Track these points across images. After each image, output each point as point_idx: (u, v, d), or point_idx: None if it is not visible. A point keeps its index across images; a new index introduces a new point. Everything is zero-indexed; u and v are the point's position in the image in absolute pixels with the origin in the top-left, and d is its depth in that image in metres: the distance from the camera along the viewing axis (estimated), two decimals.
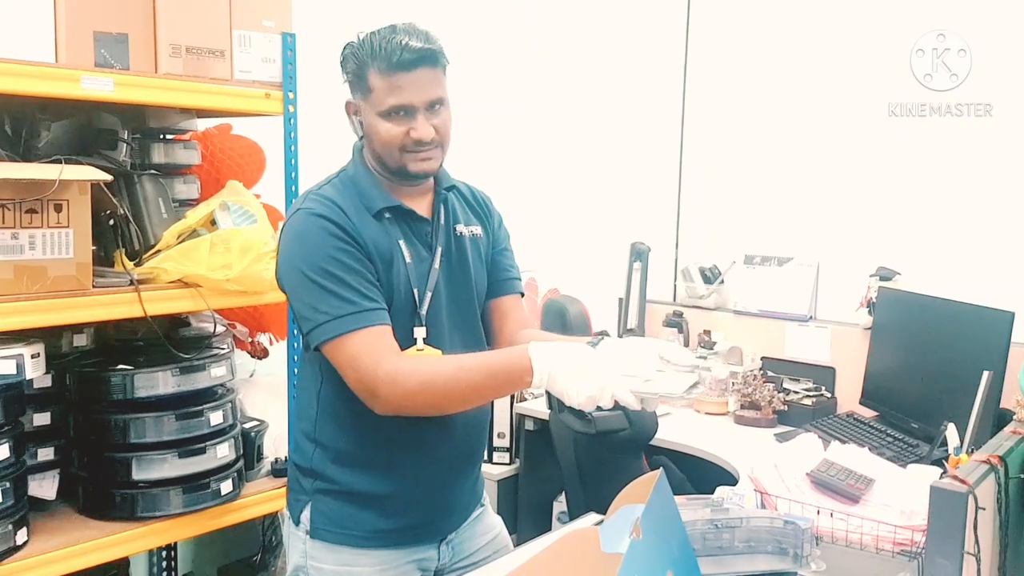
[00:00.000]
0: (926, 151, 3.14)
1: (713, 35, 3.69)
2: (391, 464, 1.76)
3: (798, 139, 3.47)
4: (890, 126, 3.20)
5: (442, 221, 1.82)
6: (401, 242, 1.74)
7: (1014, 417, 1.72)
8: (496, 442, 3.49)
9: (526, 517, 3.51)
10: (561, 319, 3.14)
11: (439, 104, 1.71)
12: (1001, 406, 2.42)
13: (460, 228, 1.85)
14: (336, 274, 1.63)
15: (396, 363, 1.60)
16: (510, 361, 1.59)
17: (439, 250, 1.79)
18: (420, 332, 1.73)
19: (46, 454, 2.17)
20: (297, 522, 1.81)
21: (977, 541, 1.32)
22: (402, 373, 1.60)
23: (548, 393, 2.51)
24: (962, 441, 1.94)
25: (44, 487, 2.17)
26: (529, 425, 3.47)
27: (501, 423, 3.49)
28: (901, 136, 3.18)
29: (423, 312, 1.74)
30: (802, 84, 3.41)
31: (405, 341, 1.72)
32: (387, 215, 1.74)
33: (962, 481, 1.34)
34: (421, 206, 1.80)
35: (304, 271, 1.65)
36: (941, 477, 1.41)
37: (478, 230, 1.89)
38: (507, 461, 3.51)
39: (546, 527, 3.49)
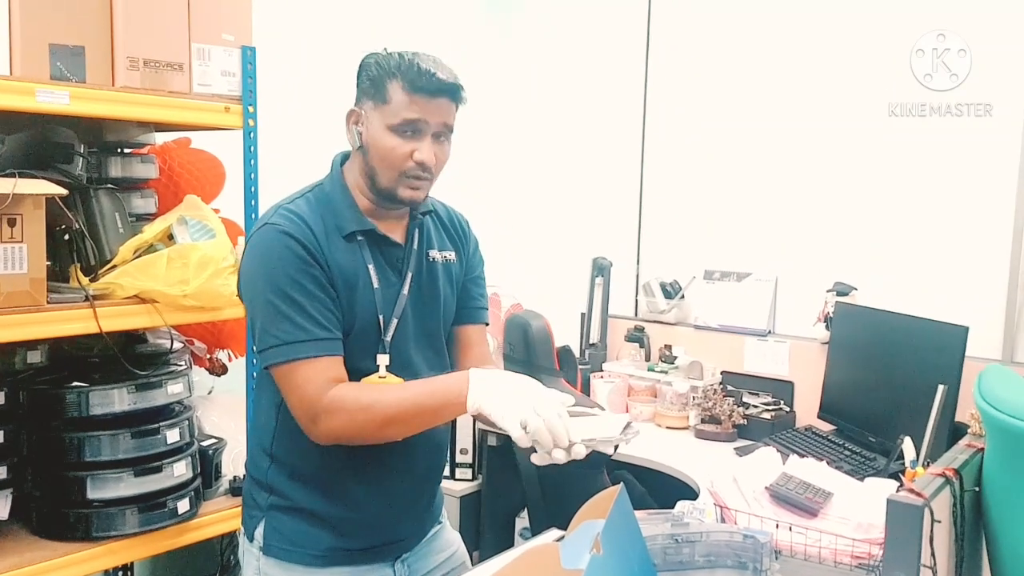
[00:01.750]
0: (926, 151, 3.14)
1: (673, 52, 3.73)
2: (347, 485, 1.75)
3: (760, 154, 3.51)
4: (890, 126, 3.20)
5: (415, 246, 1.80)
6: (370, 266, 1.71)
7: (969, 430, 1.74)
8: (459, 458, 3.47)
9: (489, 533, 3.50)
10: (524, 334, 3.15)
11: (446, 135, 1.72)
12: (956, 419, 2.46)
13: (433, 253, 1.83)
14: (294, 297, 1.62)
15: (339, 391, 1.60)
16: (453, 378, 1.59)
17: (409, 276, 1.77)
18: (383, 359, 1.71)
19: None
20: (251, 538, 1.79)
21: (933, 554, 1.34)
22: (346, 401, 1.59)
23: None
24: (918, 454, 1.97)
25: None
26: (492, 440, 3.46)
27: (464, 439, 3.47)
28: (900, 136, 3.18)
29: (387, 339, 1.72)
30: (795, 87, 3.41)
31: (368, 368, 1.70)
32: (359, 237, 1.72)
33: (918, 494, 1.35)
34: (395, 231, 1.79)
35: (263, 290, 1.64)
36: (898, 490, 1.42)
37: (452, 255, 1.87)
38: (470, 477, 3.49)
39: (509, 543, 3.48)
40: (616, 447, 1.53)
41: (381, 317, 1.71)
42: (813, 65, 3.34)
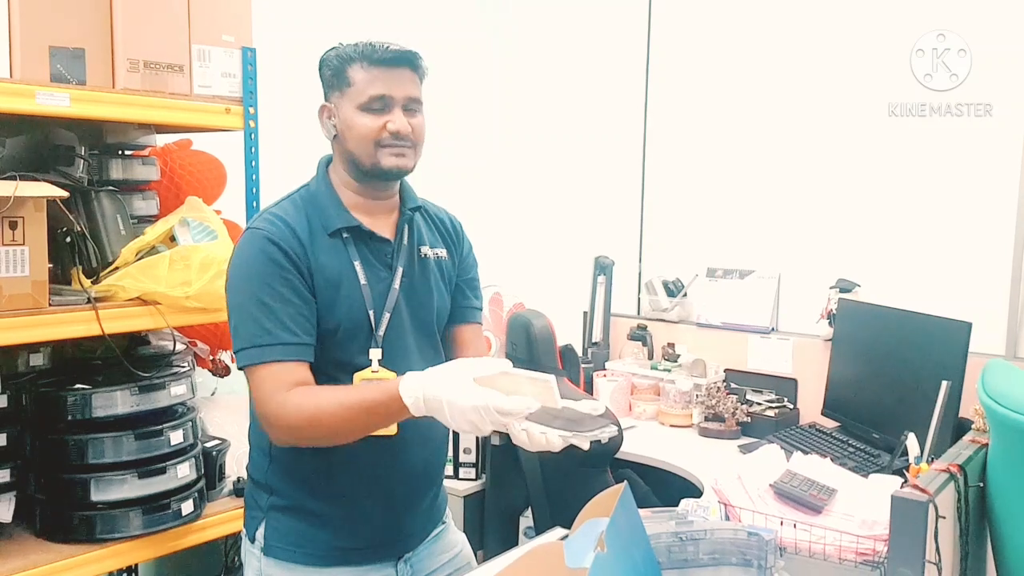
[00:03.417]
0: (926, 151, 3.13)
1: (674, 51, 3.72)
2: (346, 484, 1.75)
3: (762, 152, 3.50)
4: (890, 126, 3.19)
5: (405, 242, 1.81)
6: (357, 263, 1.72)
7: (972, 426, 1.74)
8: (462, 457, 3.47)
9: (493, 532, 3.50)
10: (526, 333, 3.14)
11: (416, 106, 1.74)
12: (960, 415, 2.45)
13: (425, 250, 1.84)
14: (265, 302, 1.64)
15: (286, 399, 1.60)
16: (385, 396, 1.56)
17: (400, 271, 1.78)
18: (375, 354, 1.72)
19: (2, 476, 2.11)
20: (252, 539, 1.79)
21: (938, 549, 1.33)
22: (288, 408, 1.60)
23: None
24: (922, 450, 1.96)
25: None
26: (495, 440, 3.44)
27: (467, 438, 3.47)
28: (900, 136, 3.17)
29: (380, 334, 1.73)
30: (796, 86, 3.41)
31: (362, 363, 1.71)
32: (344, 235, 1.73)
33: (922, 490, 1.35)
34: (384, 226, 1.79)
35: (237, 293, 1.67)
36: (902, 486, 1.42)
37: (443, 253, 1.89)
38: (473, 477, 3.49)
39: (513, 542, 3.48)
40: (591, 443, 1.53)
41: (372, 312, 1.72)
42: (813, 65, 3.34)
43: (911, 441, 2.05)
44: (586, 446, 1.51)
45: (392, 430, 1.70)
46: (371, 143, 1.70)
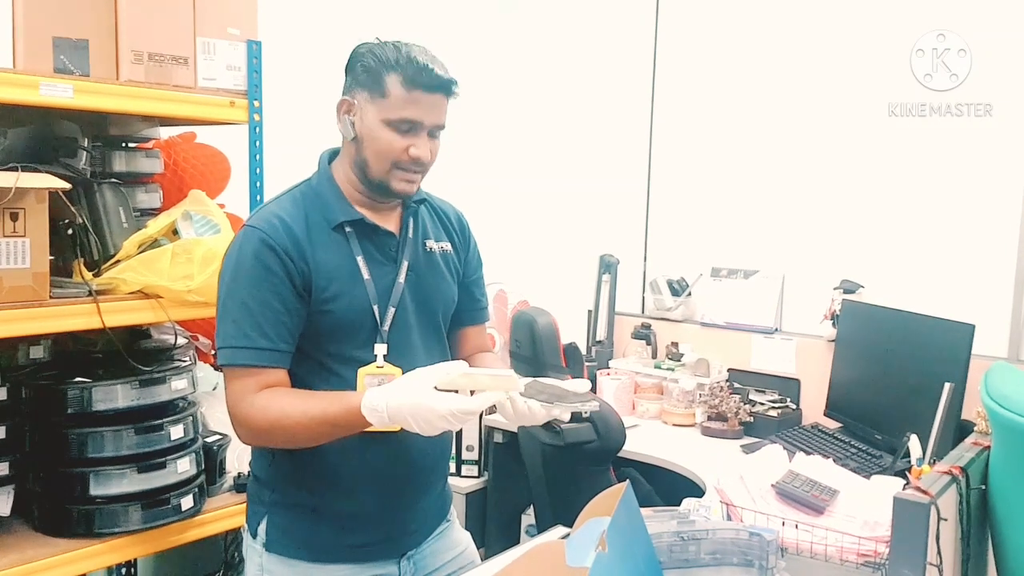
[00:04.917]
0: (927, 151, 3.12)
1: (679, 52, 3.72)
2: (349, 481, 1.74)
3: (766, 152, 3.49)
4: (890, 126, 3.18)
5: (410, 235, 1.80)
6: (359, 258, 1.72)
7: (975, 428, 1.74)
8: (464, 455, 3.48)
9: (495, 530, 3.50)
10: (530, 331, 3.14)
11: (439, 131, 1.73)
12: (962, 417, 2.45)
13: (430, 243, 1.84)
14: (248, 304, 1.64)
15: (252, 402, 1.63)
16: (347, 412, 1.58)
17: (405, 264, 1.77)
18: (381, 349, 1.71)
19: (1, 469, 2.11)
20: (254, 535, 1.79)
21: (939, 552, 1.33)
22: (253, 411, 1.63)
23: None
24: (924, 452, 1.96)
25: None
26: (498, 438, 3.46)
27: (470, 436, 3.47)
28: (901, 136, 3.16)
29: (385, 328, 1.72)
30: (798, 86, 3.40)
31: (366, 357, 1.70)
32: (347, 229, 1.72)
33: (924, 492, 1.34)
34: (388, 220, 1.78)
35: (225, 290, 1.67)
36: (904, 488, 1.41)
37: (447, 246, 1.88)
38: (476, 474, 3.49)
39: (515, 540, 3.48)
40: (573, 414, 1.58)
41: (376, 307, 1.71)
42: (814, 65, 3.33)
43: (913, 443, 2.04)
44: (566, 417, 1.57)
45: (396, 428, 1.69)
46: (389, 162, 1.68)
